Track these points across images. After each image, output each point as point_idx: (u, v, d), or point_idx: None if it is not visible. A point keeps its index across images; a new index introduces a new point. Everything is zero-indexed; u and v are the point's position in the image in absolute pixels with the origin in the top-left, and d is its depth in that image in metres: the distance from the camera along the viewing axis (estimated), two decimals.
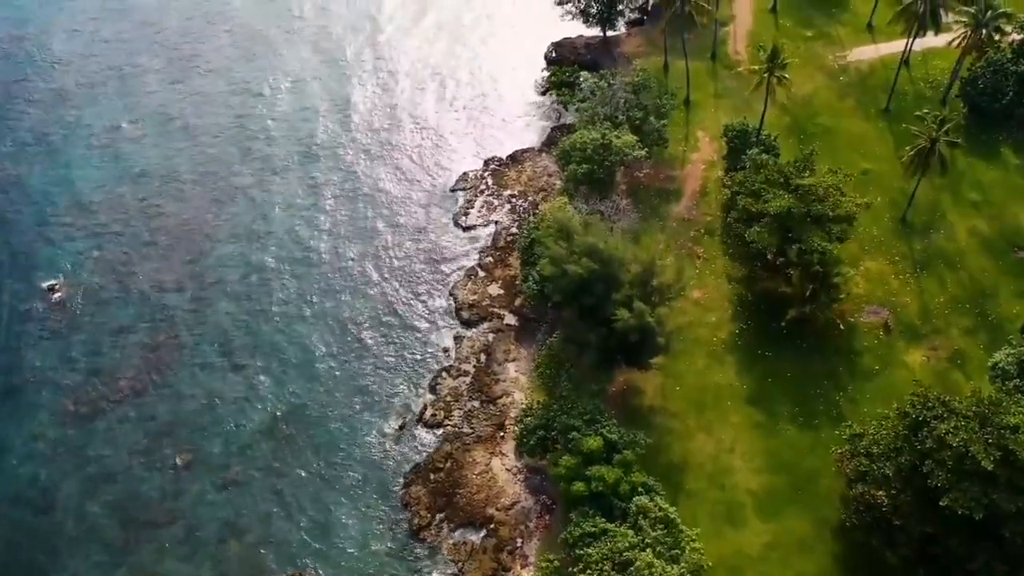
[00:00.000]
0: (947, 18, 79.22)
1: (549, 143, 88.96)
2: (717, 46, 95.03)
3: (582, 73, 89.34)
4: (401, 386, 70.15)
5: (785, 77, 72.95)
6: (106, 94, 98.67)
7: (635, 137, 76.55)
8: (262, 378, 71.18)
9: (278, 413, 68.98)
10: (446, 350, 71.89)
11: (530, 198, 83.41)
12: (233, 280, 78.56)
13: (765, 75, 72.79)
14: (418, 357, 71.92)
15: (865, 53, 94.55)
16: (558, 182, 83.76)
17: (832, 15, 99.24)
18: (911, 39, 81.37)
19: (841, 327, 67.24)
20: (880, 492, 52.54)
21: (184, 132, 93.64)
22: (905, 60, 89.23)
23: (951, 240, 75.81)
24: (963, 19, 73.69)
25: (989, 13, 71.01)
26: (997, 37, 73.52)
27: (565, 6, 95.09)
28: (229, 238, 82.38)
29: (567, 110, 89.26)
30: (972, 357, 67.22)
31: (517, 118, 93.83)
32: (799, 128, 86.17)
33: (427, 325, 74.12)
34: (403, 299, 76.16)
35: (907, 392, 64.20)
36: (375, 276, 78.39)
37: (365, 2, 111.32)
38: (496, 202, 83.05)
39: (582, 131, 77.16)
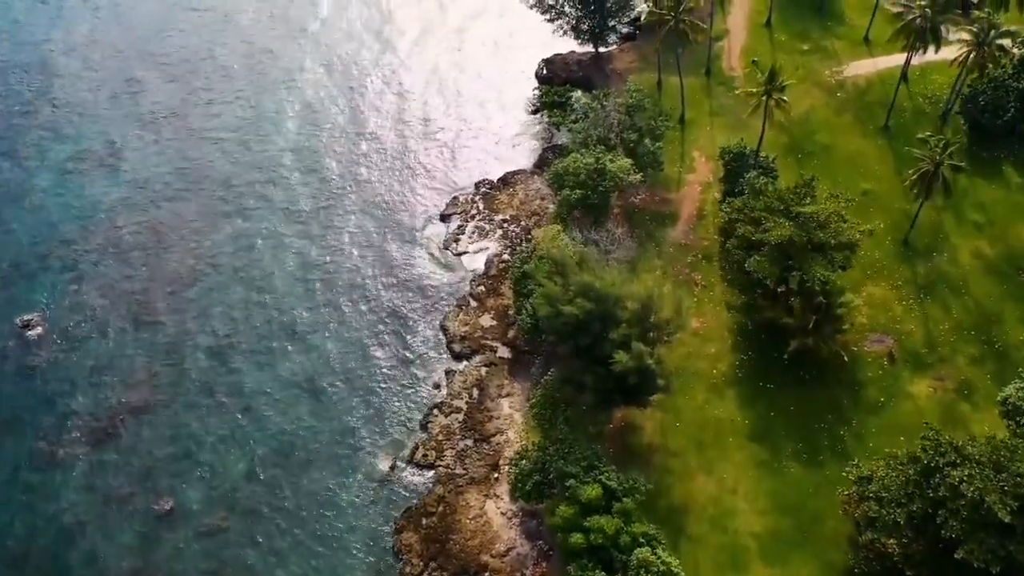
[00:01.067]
0: (948, 35, 77.29)
1: (541, 164, 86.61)
2: (711, 62, 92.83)
3: (574, 93, 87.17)
4: (391, 424, 67.65)
5: (784, 100, 70.78)
6: (83, 118, 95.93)
7: (630, 161, 74.26)
8: (245, 418, 68.50)
9: (262, 455, 66.36)
10: (437, 385, 69.41)
11: (522, 222, 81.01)
12: (215, 315, 75.86)
13: (763, 98, 70.51)
14: (408, 393, 69.40)
15: (862, 67, 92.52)
16: (551, 206, 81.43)
17: (828, 28, 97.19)
18: (911, 55, 79.29)
19: (845, 358, 65.08)
20: (891, 541, 50.41)
21: (165, 161, 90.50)
22: (903, 75, 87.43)
23: (954, 263, 73.77)
24: (965, 37, 71.62)
25: (992, 32, 68.97)
26: (999, 55, 71.41)
27: (556, 22, 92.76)
28: (212, 271, 79.58)
29: (559, 131, 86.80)
30: (979, 387, 65.18)
31: (508, 138, 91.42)
32: (797, 147, 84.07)
33: (418, 359, 71.60)
34: (392, 331, 73.62)
35: (913, 425, 62.52)
36: (363, 307, 75.84)
37: (346, 18, 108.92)
38: (488, 227, 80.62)
39: (575, 155, 74.82)
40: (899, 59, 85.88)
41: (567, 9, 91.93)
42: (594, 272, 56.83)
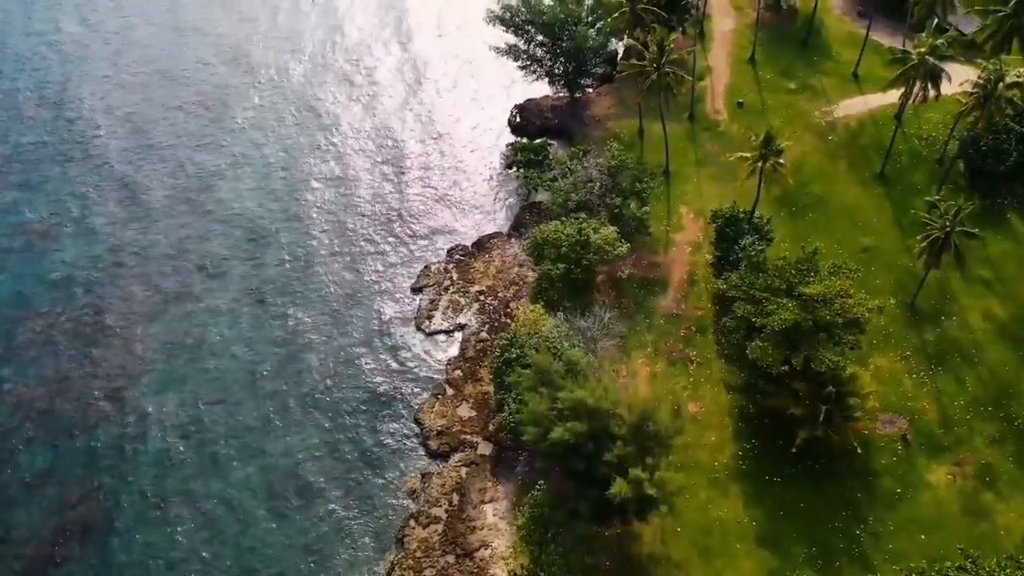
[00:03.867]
0: (947, 79, 72.09)
1: (518, 226, 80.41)
2: (695, 104, 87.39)
3: (551, 146, 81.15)
4: (362, 538, 60.91)
5: (780, 163, 65.24)
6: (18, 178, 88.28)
7: (615, 229, 68.48)
8: (199, 536, 61.32)
9: None
10: (413, 492, 62.81)
11: (500, 294, 74.75)
12: (167, 411, 68.57)
13: (759, 164, 64.91)
14: (381, 501, 62.68)
15: (853, 106, 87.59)
16: (530, 273, 75.30)
17: (814, 64, 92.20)
18: (908, 102, 74.22)
19: (858, 449, 59.70)
20: None
21: (108, 228, 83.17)
22: (898, 117, 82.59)
23: (965, 328, 68.82)
24: (971, 89, 66.59)
25: (1000, 86, 63.92)
26: (1006, 107, 66.46)
27: (529, 68, 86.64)
28: (161, 358, 72.35)
29: (536, 192, 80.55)
30: (1002, 472, 60.20)
31: (481, 196, 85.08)
32: (790, 199, 78.67)
33: (390, 460, 64.89)
34: (361, 427, 66.88)
35: (933, 520, 57.41)
36: (327, 400, 68.89)
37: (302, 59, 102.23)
38: (463, 301, 74.24)
39: (556, 224, 68.90)
40: (891, 96, 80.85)
41: (540, 54, 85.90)
42: (584, 382, 50.81)
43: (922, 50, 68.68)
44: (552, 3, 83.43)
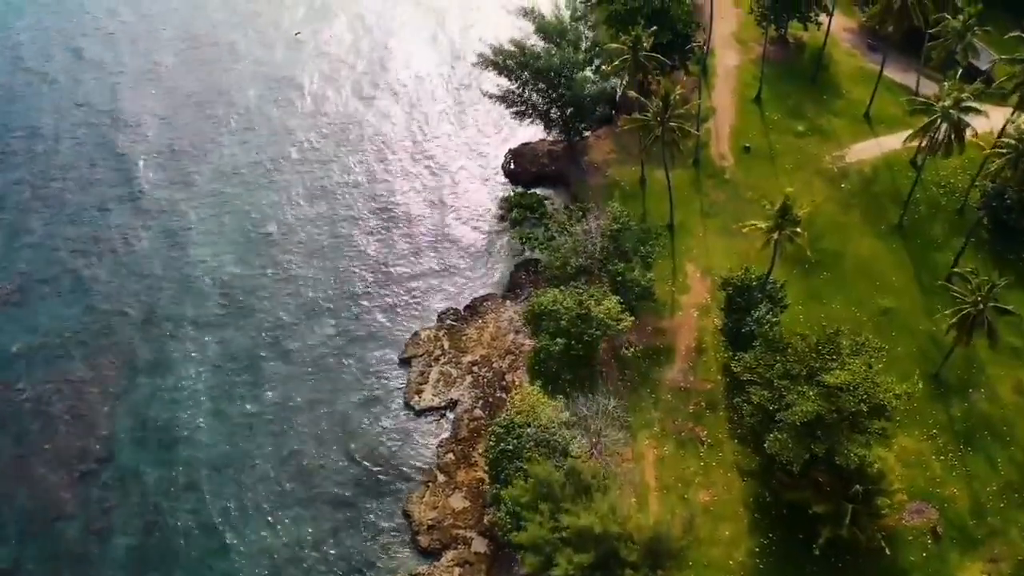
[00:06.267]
0: (971, 128, 67.21)
1: (513, 287, 75.40)
2: (699, 149, 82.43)
3: (546, 199, 76.19)
4: None
5: (797, 232, 60.28)
6: None
7: (617, 300, 63.47)
8: None
9: None
10: None
11: (494, 364, 69.68)
12: (129, 508, 62.85)
13: (774, 235, 59.96)
14: None
15: (866, 150, 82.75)
16: (526, 341, 70.21)
17: (823, 103, 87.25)
18: (928, 155, 69.42)
19: (886, 549, 54.78)
20: None
21: (75, 299, 76.94)
22: (914, 163, 78.04)
23: (995, 402, 64.08)
24: (1002, 149, 61.85)
25: None
26: None
27: (523, 114, 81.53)
28: (128, 439, 67.05)
29: (533, 252, 75.32)
30: None
31: (474, 252, 79.88)
32: (802, 256, 73.57)
33: (377, 559, 59.54)
34: (346, 522, 61.47)
35: None
36: (307, 490, 63.39)
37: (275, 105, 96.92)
38: (455, 372, 69.14)
39: (554, 293, 63.82)
40: (905, 136, 76.01)
41: (535, 98, 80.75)
42: (589, 499, 45.85)
43: (946, 103, 63.88)
44: (547, 47, 78.31)
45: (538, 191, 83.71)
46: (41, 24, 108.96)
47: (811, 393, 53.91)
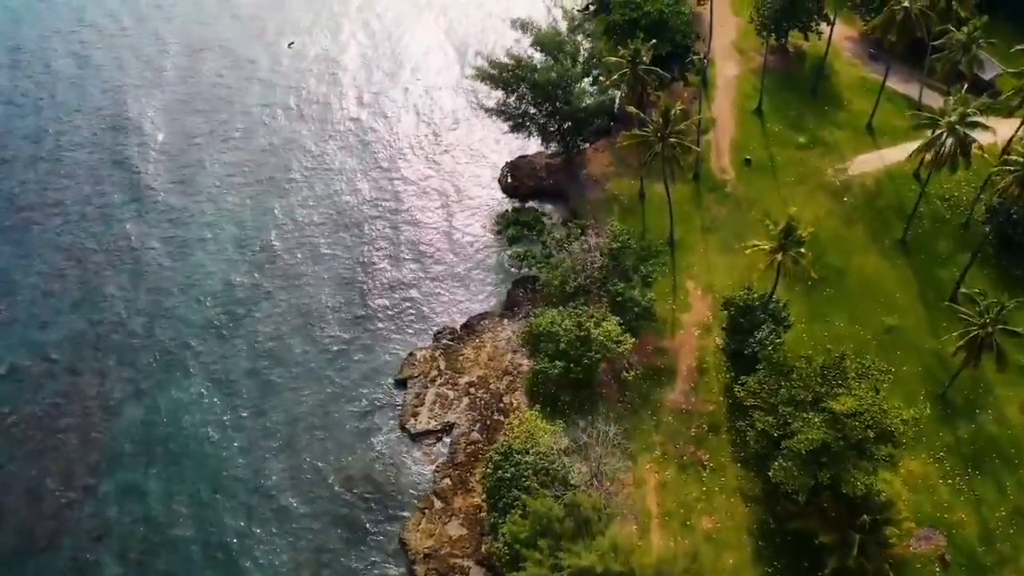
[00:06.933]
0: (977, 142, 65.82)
1: (511, 305, 73.89)
2: (700, 162, 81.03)
3: (543, 215, 74.80)
4: None
5: (802, 253, 58.95)
6: None
7: (617, 320, 62.10)
8: None
9: None
10: None
11: (492, 386, 68.16)
12: (123, 528, 61.62)
13: (778, 255, 58.59)
14: None
15: (868, 163, 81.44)
16: (524, 361, 68.76)
17: (825, 114, 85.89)
18: (934, 171, 68.07)
19: None
20: None
21: (62, 319, 75.20)
22: (917, 176, 76.80)
23: (1003, 423, 62.81)
24: (1009, 167, 60.54)
25: None
26: None
27: (520, 128, 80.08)
28: (119, 465, 65.53)
29: (530, 269, 73.85)
30: None
31: (471, 269, 78.28)
32: (804, 274, 72.04)
33: None
34: (339, 552, 59.87)
35: None
36: (301, 517, 61.73)
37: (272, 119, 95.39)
38: (452, 394, 67.65)
39: (553, 314, 62.48)
40: (909, 148, 74.51)
41: (532, 111, 79.31)
42: (590, 537, 44.47)
43: (952, 119, 62.56)
44: (545, 60, 76.86)
45: (536, 205, 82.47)
46: (43, 31, 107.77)
47: (816, 420, 52.62)
